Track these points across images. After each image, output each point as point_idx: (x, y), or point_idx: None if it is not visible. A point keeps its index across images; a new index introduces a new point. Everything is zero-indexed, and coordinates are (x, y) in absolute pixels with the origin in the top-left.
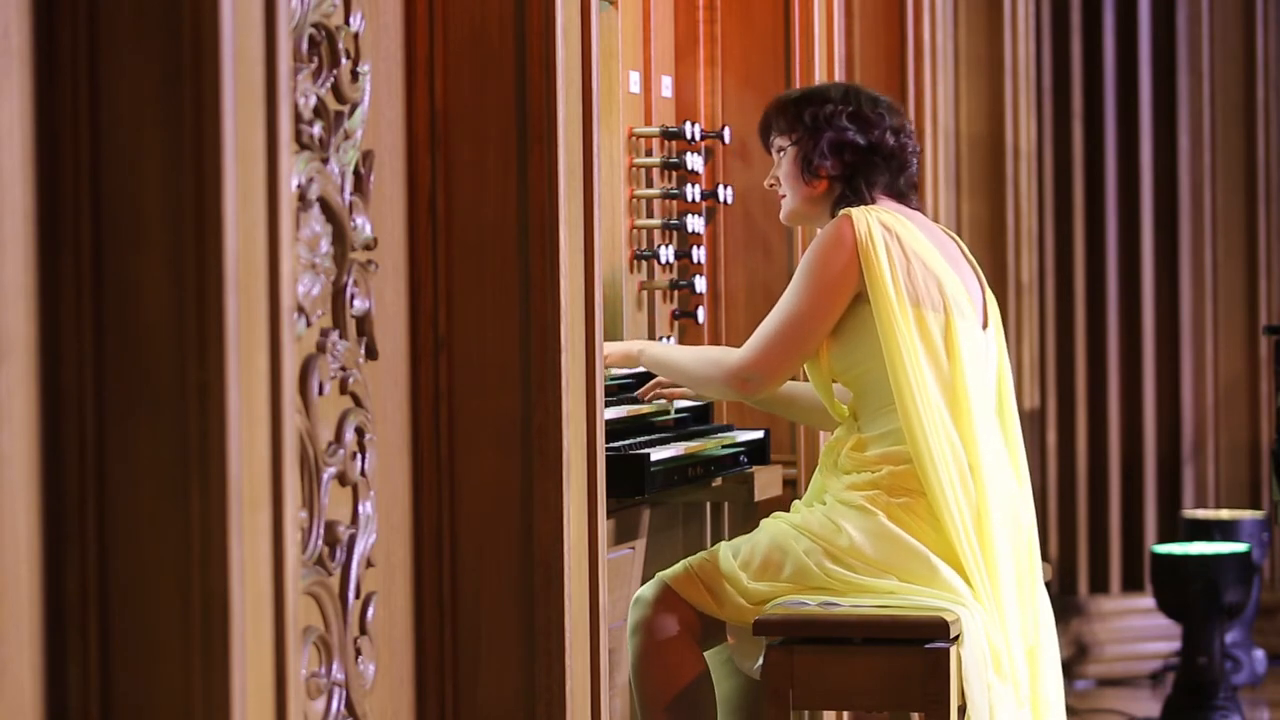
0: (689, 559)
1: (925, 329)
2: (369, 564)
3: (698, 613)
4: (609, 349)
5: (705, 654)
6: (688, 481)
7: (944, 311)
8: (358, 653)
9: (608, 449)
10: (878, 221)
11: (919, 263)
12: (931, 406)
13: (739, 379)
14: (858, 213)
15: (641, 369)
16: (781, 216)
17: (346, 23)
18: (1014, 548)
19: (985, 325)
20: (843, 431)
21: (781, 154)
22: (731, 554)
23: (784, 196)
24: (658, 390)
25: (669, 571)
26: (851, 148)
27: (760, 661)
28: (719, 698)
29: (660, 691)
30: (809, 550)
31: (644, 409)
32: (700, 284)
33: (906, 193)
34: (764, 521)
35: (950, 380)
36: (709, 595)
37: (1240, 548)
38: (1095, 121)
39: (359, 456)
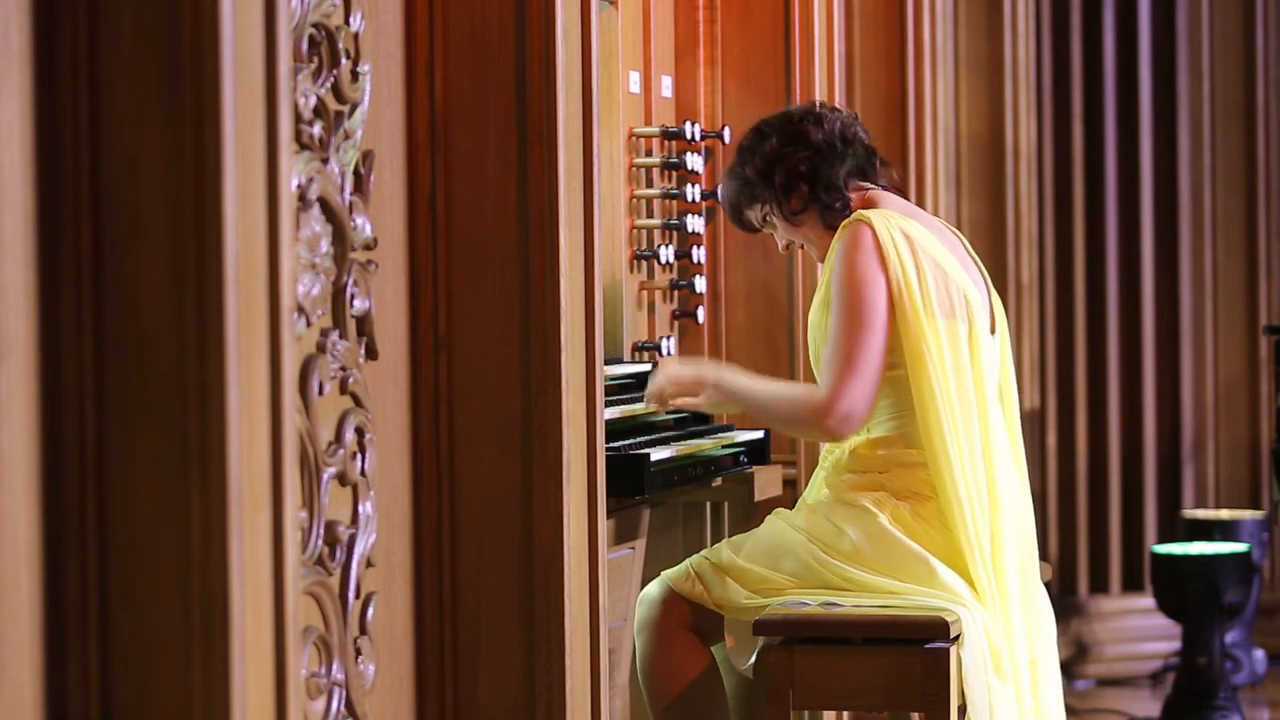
0: (691, 558)
1: (955, 340)
2: (369, 564)
3: (698, 610)
4: (679, 371)
5: None
6: (688, 481)
7: (968, 321)
8: (358, 653)
9: (608, 449)
10: (899, 230)
11: (941, 273)
12: (955, 418)
13: (834, 419)
14: (875, 218)
15: (643, 369)
16: (817, 259)
17: (346, 23)
18: (1018, 552)
19: (993, 329)
20: None
21: (767, 221)
22: (732, 550)
23: (802, 247)
24: (674, 404)
25: (672, 570)
26: (802, 160)
27: (753, 659)
28: None
29: (668, 688)
30: (809, 550)
31: (643, 409)
32: (700, 284)
33: (870, 172)
34: (766, 520)
35: (972, 388)
36: (707, 592)
37: (1240, 548)
38: (1095, 121)
39: (359, 456)
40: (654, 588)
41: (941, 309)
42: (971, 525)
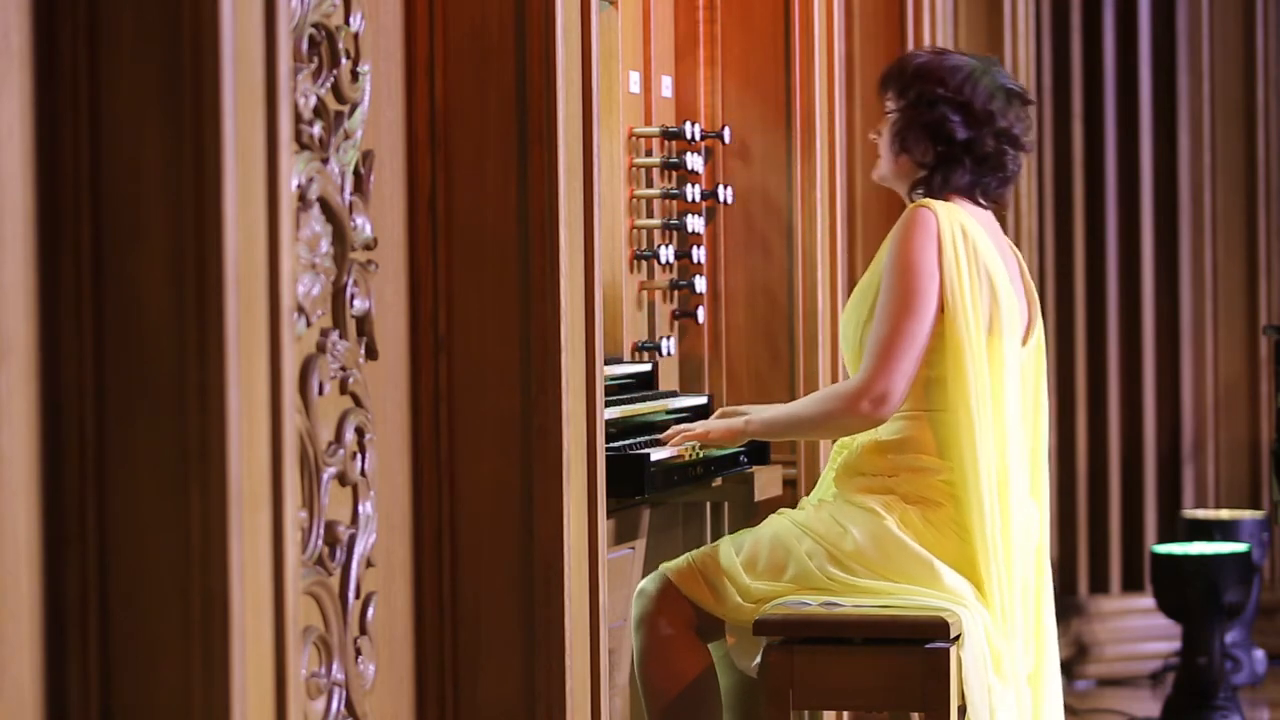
0: (692, 552)
1: (989, 353)
2: (369, 564)
3: (701, 610)
4: (710, 426)
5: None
6: (688, 481)
7: (1001, 335)
8: (358, 653)
9: (608, 449)
10: (959, 225)
11: (986, 279)
12: (986, 430)
13: (869, 400)
14: (941, 209)
15: (643, 369)
16: (873, 175)
17: (346, 23)
18: (1024, 564)
19: (1025, 340)
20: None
21: (889, 115)
22: (734, 550)
23: (880, 156)
24: (684, 439)
25: (672, 563)
26: (947, 139)
27: (758, 660)
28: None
29: (665, 689)
30: (812, 552)
31: (643, 408)
32: (700, 284)
33: (976, 195)
34: (770, 518)
35: (997, 401)
36: (709, 592)
37: (1240, 548)
38: (1095, 121)
39: (359, 456)
40: (651, 582)
41: (986, 322)
42: (991, 535)
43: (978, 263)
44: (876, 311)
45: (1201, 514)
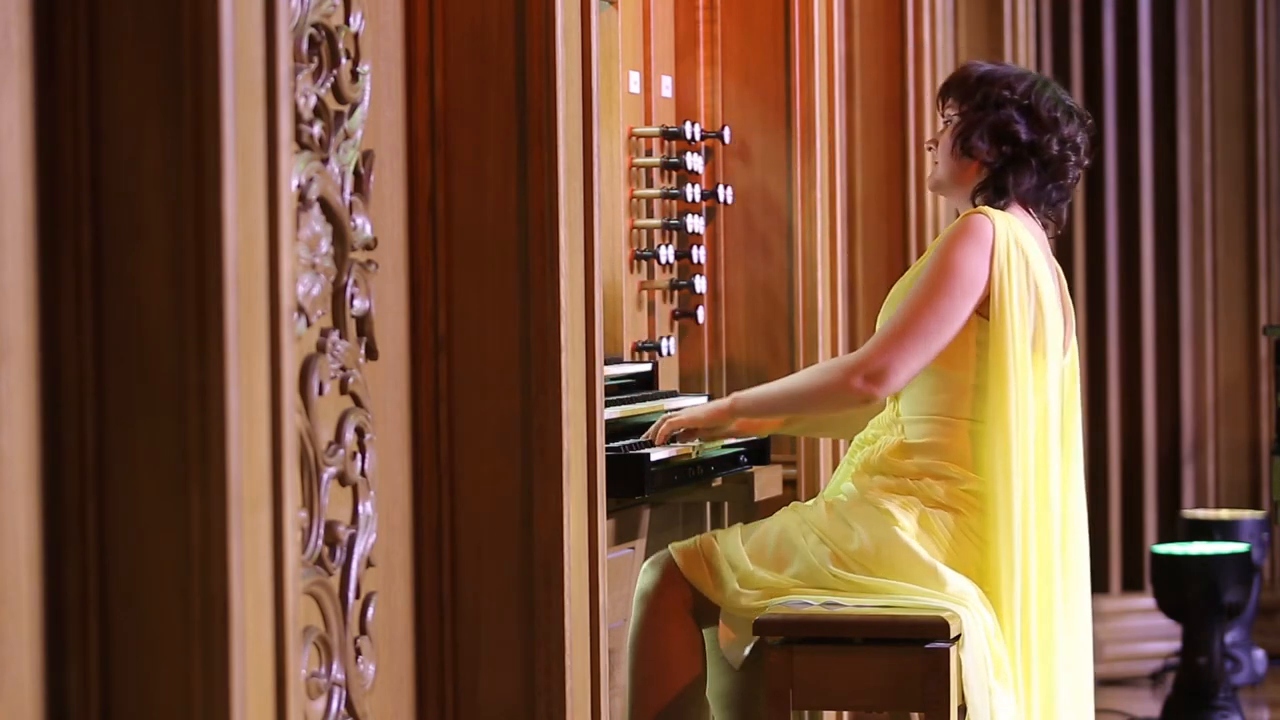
0: (700, 537)
1: (1034, 370)
2: (369, 564)
3: (699, 594)
4: (694, 413)
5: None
6: (688, 481)
7: (1045, 353)
8: (358, 653)
9: (607, 449)
10: (1014, 236)
11: (1035, 293)
12: (1024, 443)
13: (864, 375)
14: (999, 219)
15: (643, 369)
16: (928, 183)
17: (346, 23)
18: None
19: (1064, 351)
20: (878, 430)
21: (948, 122)
22: (741, 539)
23: (936, 163)
24: (671, 427)
25: (680, 544)
26: (1012, 140)
27: (747, 651)
28: (715, 694)
29: (651, 672)
30: (816, 549)
31: (643, 408)
32: (700, 284)
33: (1041, 208)
34: (781, 511)
35: (1038, 416)
36: (709, 577)
37: (1240, 548)
38: (1095, 121)
39: (359, 456)
40: (655, 562)
41: (1030, 333)
42: (1022, 549)
43: (1028, 276)
44: (901, 302)
45: (1201, 514)
